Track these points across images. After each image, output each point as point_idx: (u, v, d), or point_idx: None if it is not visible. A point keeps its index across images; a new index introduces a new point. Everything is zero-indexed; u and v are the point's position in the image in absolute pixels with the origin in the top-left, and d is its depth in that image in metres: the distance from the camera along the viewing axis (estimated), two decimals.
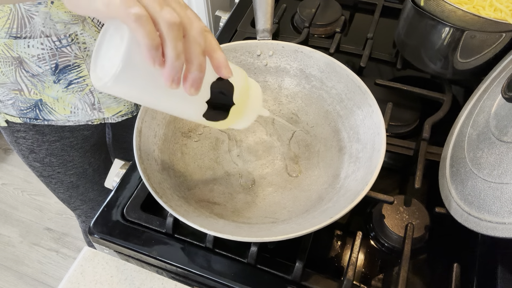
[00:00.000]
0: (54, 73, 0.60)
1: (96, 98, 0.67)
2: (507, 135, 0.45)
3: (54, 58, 0.58)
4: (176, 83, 0.31)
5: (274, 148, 0.59)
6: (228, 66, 0.34)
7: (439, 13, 0.55)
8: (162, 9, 0.29)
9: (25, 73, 0.59)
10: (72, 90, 0.63)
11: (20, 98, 0.62)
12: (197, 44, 0.31)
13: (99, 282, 0.50)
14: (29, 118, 0.65)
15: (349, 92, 0.56)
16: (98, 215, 0.55)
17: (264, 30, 0.59)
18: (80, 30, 0.57)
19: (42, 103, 0.63)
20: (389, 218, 0.52)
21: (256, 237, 0.43)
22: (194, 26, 0.31)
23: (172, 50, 0.30)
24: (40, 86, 0.61)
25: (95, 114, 0.68)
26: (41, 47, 0.56)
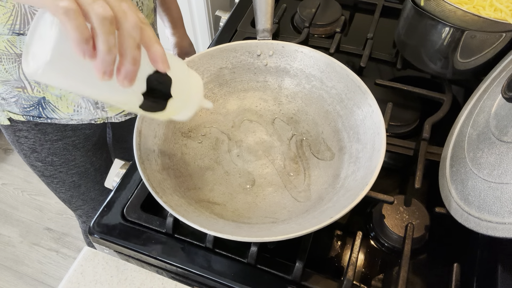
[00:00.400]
0: None
1: None
2: (507, 135, 0.45)
3: None
4: (108, 75, 0.31)
5: (274, 148, 0.59)
6: (165, 60, 0.34)
7: (439, 13, 0.55)
8: (94, 2, 0.29)
9: None
10: None
11: (23, 96, 0.62)
12: (130, 37, 0.31)
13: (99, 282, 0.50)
14: (32, 116, 0.65)
15: (349, 92, 0.56)
16: (98, 215, 0.55)
17: (264, 30, 0.59)
18: None
19: (45, 101, 0.63)
20: (389, 218, 0.52)
21: (256, 237, 0.43)
22: (128, 19, 0.31)
23: (103, 43, 0.30)
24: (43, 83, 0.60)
25: (98, 113, 0.68)
26: None
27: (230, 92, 0.63)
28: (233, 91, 0.63)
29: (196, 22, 1.66)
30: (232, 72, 0.62)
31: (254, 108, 0.63)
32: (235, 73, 0.62)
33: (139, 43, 0.32)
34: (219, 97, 0.62)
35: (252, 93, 0.63)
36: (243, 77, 0.62)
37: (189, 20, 1.65)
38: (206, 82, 0.61)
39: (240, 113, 0.62)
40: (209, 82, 0.61)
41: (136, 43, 0.32)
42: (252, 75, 0.62)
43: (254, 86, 0.63)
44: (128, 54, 0.31)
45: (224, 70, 0.61)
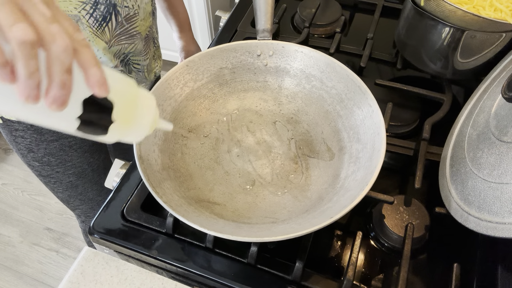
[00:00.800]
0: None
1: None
2: (507, 135, 0.45)
3: None
4: (33, 99, 0.29)
5: (274, 148, 0.59)
6: (104, 84, 0.32)
7: (439, 13, 0.55)
8: (13, 25, 0.27)
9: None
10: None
11: None
12: (58, 61, 0.30)
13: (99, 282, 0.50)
14: None
15: (349, 92, 0.56)
16: (98, 215, 0.55)
17: (264, 30, 0.59)
18: None
19: None
20: (389, 218, 0.52)
21: (256, 237, 0.43)
22: (57, 42, 0.29)
23: (23, 68, 0.28)
24: None
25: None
26: None
27: (230, 92, 0.63)
28: (233, 91, 0.63)
29: (196, 22, 1.66)
30: (232, 72, 0.62)
31: (254, 108, 0.63)
32: (235, 73, 0.62)
33: (69, 67, 0.30)
34: (219, 97, 0.62)
35: (252, 93, 0.63)
36: (243, 77, 0.62)
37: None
38: (206, 82, 0.61)
39: (240, 113, 0.62)
40: (209, 82, 0.61)
41: (65, 67, 0.30)
42: (252, 75, 0.63)
43: (254, 86, 0.63)
44: (55, 78, 0.30)
45: (224, 70, 0.61)
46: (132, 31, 0.64)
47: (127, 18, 0.62)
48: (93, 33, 0.59)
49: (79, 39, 0.31)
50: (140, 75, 0.73)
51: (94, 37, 0.59)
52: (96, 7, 0.56)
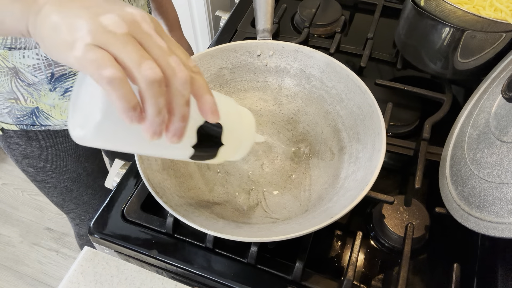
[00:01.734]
0: (50, 82, 0.59)
1: None
2: (507, 135, 0.45)
3: (49, 67, 0.57)
4: (158, 135, 0.29)
5: (274, 148, 0.59)
6: (216, 111, 0.32)
7: (439, 13, 0.55)
8: (141, 64, 0.27)
9: (21, 83, 0.58)
10: (68, 97, 0.62)
11: (16, 107, 0.61)
12: (179, 95, 0.29)
13: (99, 282, 0.50)
14: (25, 124, 0.64)
15: (349, 92, 0.56)
16: (98, 215, 0.55)
17: (264, 30, 0.59)
18: None
19: (38, 110, 0.63)
20: (389, 218, 0.52)
21: (256, 237, 0.43)
22: (177, 75, 0.29)
23: (152, 107, 0.28)
24: (36, 94, 0.60)
25: None
26: (36, 57, 0.55)
27: (230, 92, 0.63)
28: (233, 91, 0.63)
29: (196, 22, 1.66)
30: (232, 72, 0.62)
31: (254, 108, 0.63)
32: (235, 73, 0.62)
33: (188, 98, 0.30)
34: None
35: (252, 93, 0.63)
36: (243, 77, 0.62)
37: (189, 20, 1.65)
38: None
39: None
40: (209, 82, 0.61)
41: (185, 99, 0.29)
42: (252, 75, 0.62)
43: (254, 86, 0.63)
44: (177, 112, 0.29)
45: (224, 70, 0.61)
46: None
47: None
48: None
49: (191, 66, 0.31)
50: None
51: None
52: None
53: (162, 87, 0.28)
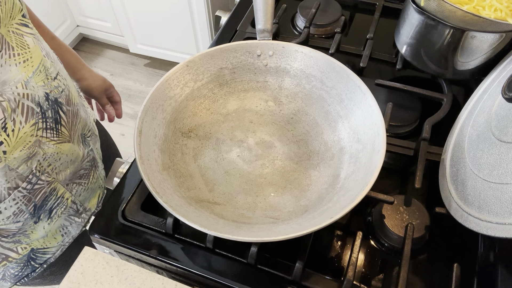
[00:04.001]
0: (33, 216, 0.54)
1: (78, 202, 0.62)
2: (507, 135, 0.45)
3: (30, 202, 0.53)
4: None
5: (274, 148, 0.59)
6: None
7: (439, 13, 0.55)
8: None
9: (5, 239, 0.53)
10: (56, 215, 0.59)
11: (10, 266, 0.57)
12: None
13: (99, 282, 0.50)
14: (25, 276, 0.60)
15: (349, 92, 0.56)
16: (98, 215, 0.55)
17: (264, 30, 0.59)
18: (42, 156, 0.51)
19: (33, 251, 0.58)
20: (389, 218, 0.52)
21: (256, 237, 0.43)
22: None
23: None
24: (24, 238, 0.56)
25: (84, 217, 0.64)
26: (15, 203, 0.50)
27: (230, 92, 0.63)
28: (233, 91, 0.63)
29: (196, 22, 1.66)
30: (232, 72, 0.62)
31: (254, 108, 0.63)
32: (235, 73, 0.62)
33: None
34: (219, 97, 0.62)
35: (252, 93, 0.63)
36: (243, 77, 0.62)
37: (189, 20, 1.65)
38: (206, 82, 0.61)
39: (241, 113, 0.62)
40: (209, 82, 0.61)
41: None
42: (252, 75, 0.63)
43: (254, 86, 0.63)
44: None
45: (224, 70, 0.61)
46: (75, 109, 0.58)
47: (67, 101, 0.56)
48: (56, 143, 0.53)
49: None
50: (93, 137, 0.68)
51: (59, 146, 0.53)
52: (45, 118, 0.50)
53: None
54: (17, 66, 0.46)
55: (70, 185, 0.59)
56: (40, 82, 0.50)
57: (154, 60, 2.06)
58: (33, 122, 0.48)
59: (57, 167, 0.55)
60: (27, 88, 0.47)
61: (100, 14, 1.88)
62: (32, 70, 0.48)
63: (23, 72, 0.47)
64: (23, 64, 0.47)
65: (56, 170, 0.55)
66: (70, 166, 0.58)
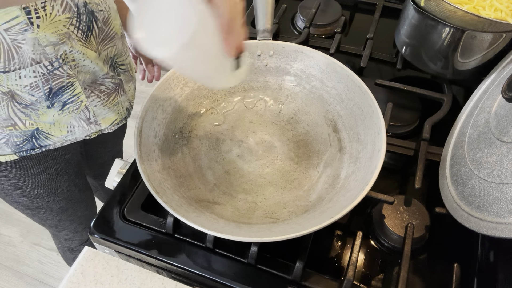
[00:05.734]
0: (48, 98, 0.57)
1: (92, 111, 0.64)
2: (507, 135, 0.45)
3: (47, 83, 0.56)
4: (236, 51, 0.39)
5: (274, 148, 0.59)
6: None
7: (439, 13, 0.55)
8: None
9: (18, 106, 0.56)
10: (68, 111, 0.61)
11: (15, 133, 0.59)
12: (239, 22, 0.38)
13: (100, 282, 0.50)
14: (25, 150, 0.62)
15: (349, 92, 0.56)
16: (98, 215, 0.55)
17: (264, 30, 0.59)
18: (69, 48, 0.55)
19: (38, 131, 0.61)
20: (389, 218, 0.52)
21: (256, 237, 0.43)
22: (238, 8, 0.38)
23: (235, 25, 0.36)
24: (34, 115, 0.58)
25: (92, 128, 0.66)
26: (34, 75, 0.54)
27: (231, 92, 0.63)
28: (233, 91, 0.63)
29: None
30: None
31: (255, 108, 0.63)
32: None
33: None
34: (220, 97, 0.62)
35: (253, 93, 0.63)
36: None
37: None
38: None
39: (241, 113, 0.62)
40: None
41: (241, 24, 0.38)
42: (252, 75, 0.63)
43: (255, 86, 0.63)
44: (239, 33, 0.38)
45: None
46: (111, 33, 0.63)
47: (104, 21, 0.61)
48: (84, 46, 0.57)
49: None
50: (127, 74, 0.72)
51: (86, 49, 0.58)
52: (80, 19, 0.55)
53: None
54: None
55: (88, 90, 0.62)
56: None
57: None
58: (68, 15, 0.53)
59: (80, 66, 0.58)
60: None
61: None
62: None
63: None
64: None
65: (78, 69, 0.59)
66: (91, 73, 0.61)
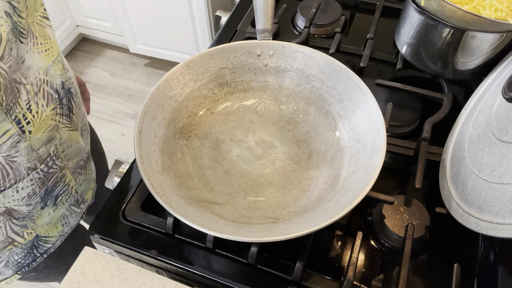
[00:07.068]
0: (42, 200, 0.56)
1: (79, 192, 0.63)
2: (508, 135, 0.45)
3: (44, 185, 0.54)
4: None
5: (274, 148, 0.59)
6: None
7: (439, 13, 0.55)
8: None
9: (16, 221, 0.54)
10: (61, 203, 0.60)
11: (15, 251, 0.57)
12: None
13: (100, 282, 0.50)
14: (26, 265, 0.60)
15: (349, 92, 0.56)
16: (98, 215, 0.55)
17: (264, 30, 0.59)
18: (58, 141, 0.54)
19: (37, 238, 0.59)
20: (389, 218, 0.52)
21: (256, 237, 0.43)
22: None
23: None
24: (30, 223, 0.56)
25: (82, 208, 0.65)
26: (31, 184, 0.52)
27: (231, 92, 0.63)
28: (233, 91, 0.63)
29: (197, 22, 1.66)
30: (232, 72, 0.62)
31: (255, 108, 0.63)
32: (236, 73, 0.62)
33: None
34: (220, 97, 0.62)
35: (253, 93, 0.63)
36: (244, 77, 0.62)
37: (189, 20, 1.65)
38: (206, 82, 0.61)
39: (241, 113, 0.62)
40: (209, 82, 0.61)
41: None
42: (252, 75, 0.62)
43: (255, 86, 0.63)
44: None
45: (225, 70, 0.61)
46: (79, 100, 0.61)
47: (76, 93, 0.59)
48: (69, 130, 0.56)
49: None
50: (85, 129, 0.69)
51: (70, 132, 0.56)
52: (62, 105, 0.54)
53: None
54: (39, 54, 0.49)
55: (75, 173, 0.62)
56: (58, 71, 0.53)
57: (154, 60, 2.06)
58: (52, 106, 0.52)
59: (69, 153, 0.58)
60: (47, 75, 0.50)
61: (100, 14, 1.87)
62: (52, 59, 0.52)
63: (44, 60, 0.50)
64: (44, 53, 0.50)
65: (68, 157, 0.58)
66: (77, 154, 0.61)
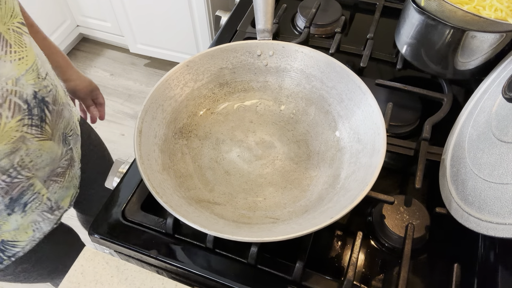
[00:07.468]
0: (8, 208, 0.54)
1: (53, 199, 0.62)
2: (508, 135, 0.45)
3: (7, 194, 0.53)
4: None
5: (274, 148, 0.59)
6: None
7: (439, 13, 0.55)
8: None
9: None
10: (30, 210, 0.58)
11: None
12: None
13: (99, 282, 0.50)
14: None
15: (350, 92, 0.56)
16: (98, 215, 0.55)
17: (264, 30, 0.59)
18: (25, 151, 0.52)
19: (3, 243, 0.58)
20: (389, 218, 0.52)
21: (256, 237, 0.43)
22: None
23: None
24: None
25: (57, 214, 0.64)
26: None
27: (231, 92, 0.63)
28: (233, 91, 0.63)
29: (196, 22, 1.66)
30: (232, 72, 0.62)
31: (255, 108, 0.63)
32: (236, 73, 0.62)
33: None
34: (220, 97, 0.62)
35: (253, 93, 0.63)
36: (244, 77, 0.62)
37: (189, 20, 1.65)
38: (206, 82, 0.61)
39: (241, 113, 0.62)
40: (209, 82, 0.61)
41: None
42: (252, 75, 0.62)
43: (255, 86, 0.63)
44: None
45: (225, 70, 0.61)
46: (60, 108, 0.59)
47: (54, 101, 0.57)
48: (39, 140, 0.54)
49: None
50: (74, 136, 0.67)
51: (41, 142, 0.54)
52: (31, 115, 0.51)
53: None
54: (11, 62, 0.47)
55: (47, 182, 0.60)
56: (31, 80, 0.51)
57: (154, 60, 2.06)
58: (19, 118, 0.49)
59: (38, 163, 0.56)
60: (16, 85, 0.48)
61: (100, 14, 1.87)
62: (26, 68, 0.50)
63: (16, 69, 0.48)
64: (18, 62, 0.48)
65: (37, 167, 0.56)
66: (49, 163, 0.59)
